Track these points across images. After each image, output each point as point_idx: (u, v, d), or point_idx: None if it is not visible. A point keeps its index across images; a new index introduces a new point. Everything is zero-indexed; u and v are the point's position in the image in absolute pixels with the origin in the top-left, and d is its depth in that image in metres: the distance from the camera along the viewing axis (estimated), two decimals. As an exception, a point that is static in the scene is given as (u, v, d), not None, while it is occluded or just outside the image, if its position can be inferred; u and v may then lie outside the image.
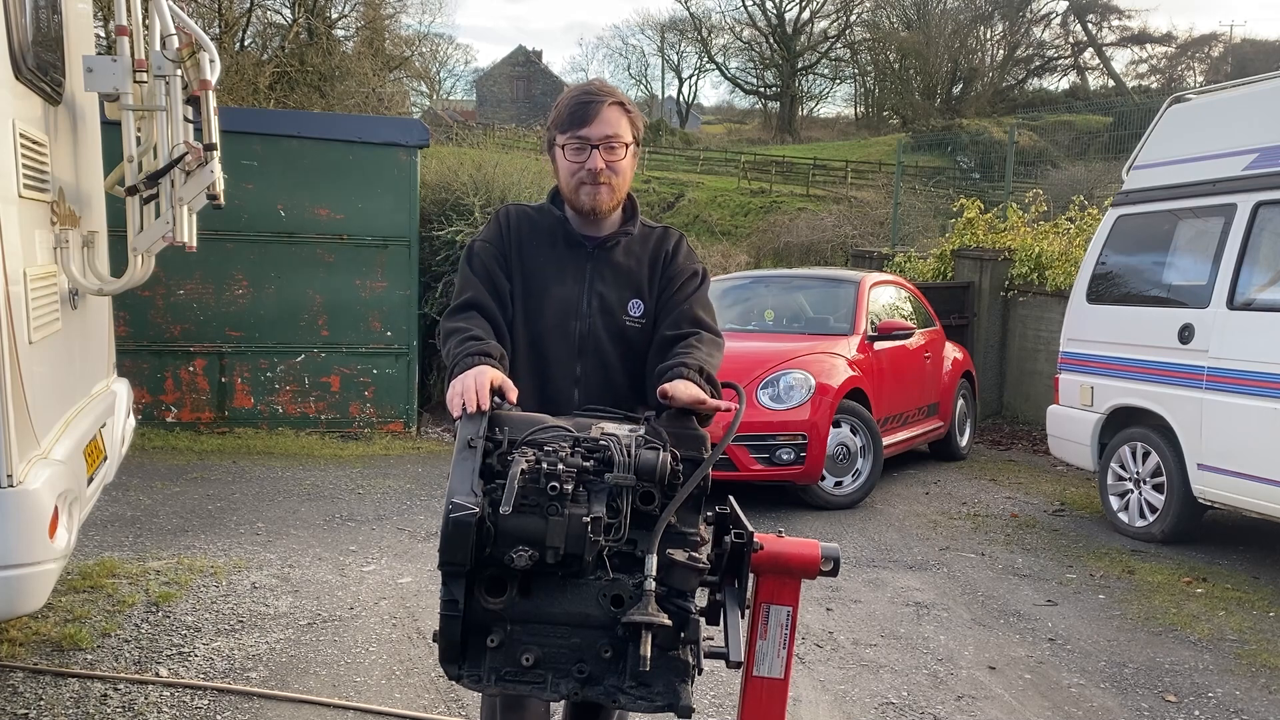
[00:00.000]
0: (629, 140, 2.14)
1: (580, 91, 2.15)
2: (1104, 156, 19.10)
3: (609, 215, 2.19)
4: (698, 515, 1.76)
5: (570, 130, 2.11)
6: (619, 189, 2.15)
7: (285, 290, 8.11)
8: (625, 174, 2.16)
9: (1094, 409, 6.29)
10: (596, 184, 2.11)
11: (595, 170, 2.09)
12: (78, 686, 3.42)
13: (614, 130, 2.11)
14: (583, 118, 2.09)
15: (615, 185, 2.13)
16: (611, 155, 2.11)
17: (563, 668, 1.68)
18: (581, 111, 2.09)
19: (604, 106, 2.10)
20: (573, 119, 2.10)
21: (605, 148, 2.10)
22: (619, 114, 2.12)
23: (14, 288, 2.74)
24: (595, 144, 2.09)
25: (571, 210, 2.19)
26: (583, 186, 2.12)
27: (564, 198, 2.19)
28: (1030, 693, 3.73)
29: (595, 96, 2.11)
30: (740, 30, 51.93)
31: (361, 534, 5.51)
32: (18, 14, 2.83)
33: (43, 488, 2.73)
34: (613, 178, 2.12)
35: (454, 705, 3.41)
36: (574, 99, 2.13)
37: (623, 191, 2.18)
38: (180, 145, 3.61)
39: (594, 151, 2.09)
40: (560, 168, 2.16)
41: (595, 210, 2.14)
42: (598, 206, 2.13)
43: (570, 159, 2.12)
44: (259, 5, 25.63)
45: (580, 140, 2.10)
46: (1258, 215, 5.33)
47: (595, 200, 2.12)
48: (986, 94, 44.54)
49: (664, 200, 32.19)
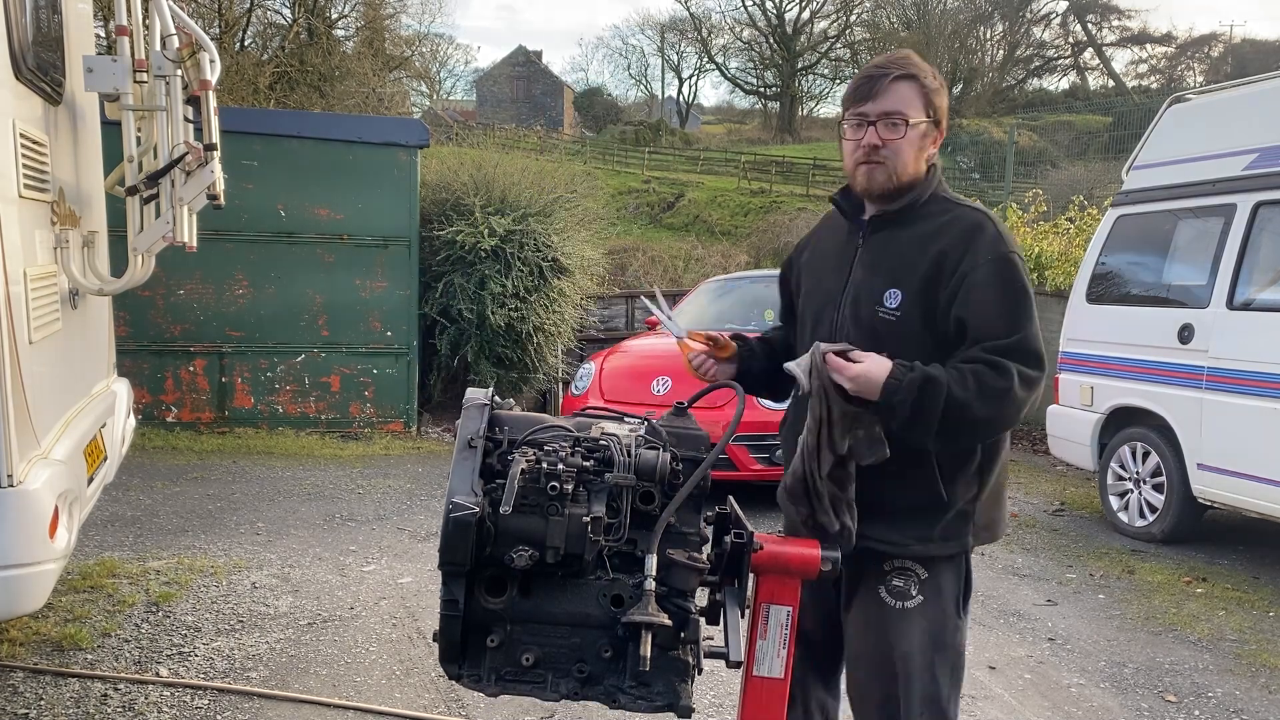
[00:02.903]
0: (919, 118, 1.96)
1: (872, 65, 2.01)
2: (1104, 156, 19.10)
3: (890, 196, 2.01)
4: (698, 515, 1.76)
5: (852, 106, 1.99)
6: (898, 171, 1.97)
7: (285, 290, 8.11)
8: (906, 154, 1.96)
9: (1094, 409, 6.29)
10: (871, 163, 1.96)
11: (870, 146, 1.95)
12: (78, 686, 3.42)
13: (897, 106, 1.94)
14: (865, 92, 1.96)
15: (892, 166, 1.96)
16: (891, 133, 1.95)
17: (563, 668, 1.68)
18: (865, 86, 1.96)
19: (889, 80, 1.95)
20: (856, 93, 1.98)
21: (884, 124, 1.95)
22: (909, 88, 1.96)
23: (14, 288, 2.74)
24: (873, 120, 1.95)
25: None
26: (859, 166, 1.99)
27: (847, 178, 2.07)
28: (1030, 693, 3.73)
29: (882, 69, 1.97)
30: (740, 30, 52.01)
31: (361, 534, 5.51)
32: (18, 14, 2.83)
33: (43, 488, 2.73)
34: (890, 157, 1.95)
35: (454, 705, 3.41)
36: (863, 71, 2.01)
37: (905, 173, 1.98)
38: (180, 145, 3.61)
39: (870, 128, 1.96)
40: (843, 146, 2.06)
41: (867, 191, 2.00)
42: (870, 188, 1.99)
43: (849, 137, 2.01)
44: (259, 5, 25.60)
45: (859, 116, 1.97)
46: (1258, 215, 5.33)
47: (868, 180, 1.98)
48: (986, 94, 44.53)
49: (664, 200, 32.20)
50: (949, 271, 1.92)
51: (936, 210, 2.01)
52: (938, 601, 2.04)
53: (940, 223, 1.98)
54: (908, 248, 1.98)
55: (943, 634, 2.04)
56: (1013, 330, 1.88)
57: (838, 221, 2.16)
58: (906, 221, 2.01)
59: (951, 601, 2.06)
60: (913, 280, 1.94)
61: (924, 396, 1.82)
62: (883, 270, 1.97)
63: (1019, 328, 1.89)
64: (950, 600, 2.06)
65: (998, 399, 1.83)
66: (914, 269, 1.95)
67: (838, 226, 2.16)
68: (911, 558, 2.01)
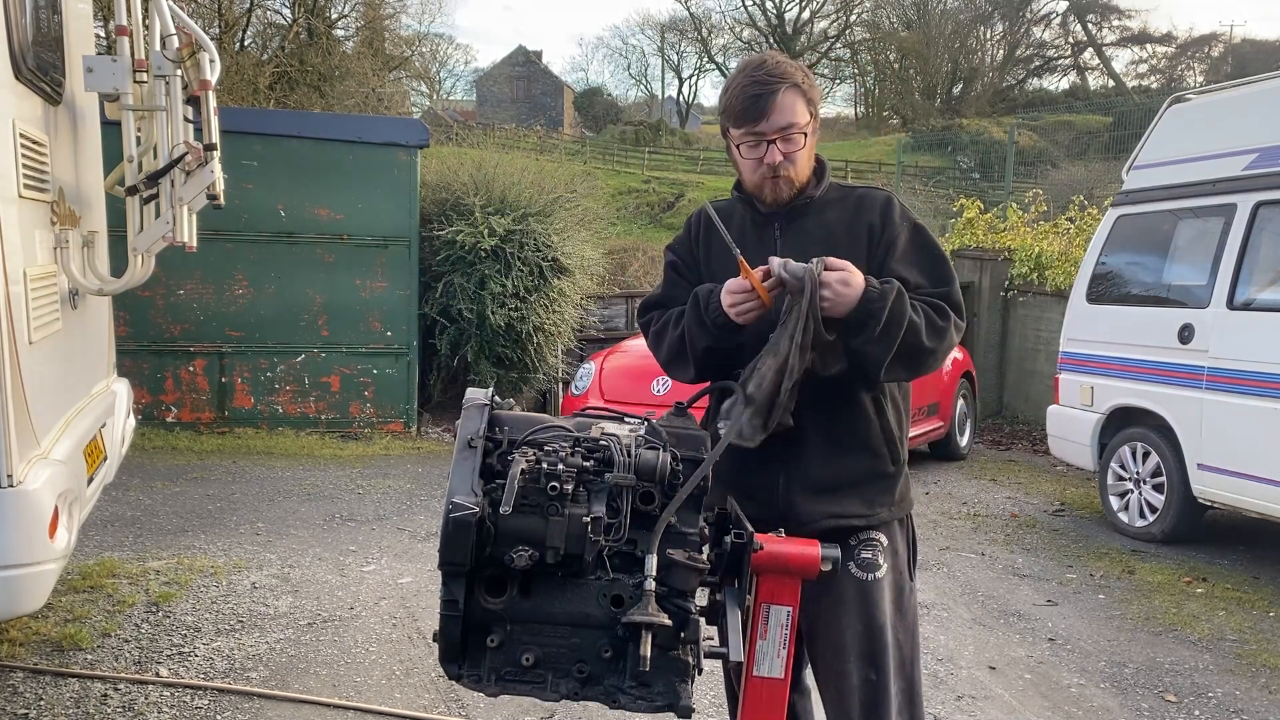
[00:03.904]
0: (806, 123, 2.03)
1: (749, 80, 2.00)
2: (1104, 156, 19.12)
3: (795, 197, 2.09)
4: (698, 515, 1.76)
5: (745, 126, 2.01)
6: (799, 175, 2.06)
7: (285, 290, 8.11)
8: (804, 160, 2.06)
9: (1094, 409, 6.29)
10: (777, 177, 2.03)
11: (774, 164, 2.01)
12: (78, 686, 3.42)
13: (790, 119, 1.99)
14: (756, 112, 1.99)
15: (795, 173, 2.04)
16: (790, 146, 2.01)
17: (563, 668, 1.67)
18: (754, 106, 1.99)
19: (778, 96, 1.98)
20: (746, 114, 2.00)
21: (782, 140, 2.00)
22: (794, 97, 2.00)
23: (14, 288, 2.74)
24: (771, 139, 2.00)
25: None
26: (765, 182, 2.05)
27: (747, 190, 2.13)
28: (1030, 693, 3.73)
29: (766, 86, 1.98)
30: (740, 30, 52.01)
31: (361, 534, 5.51)
32: (18, 14, 2.83)
33: (43, 488, 2.73)
34: (791, 168, 2.03)
35: (454, 705, 3.41)
36: (744, 91, 2.00)
37: (804, 175, 2.07)
38: (180, 145, 3.61)
39: (770, 146, 2.00)
40: (739, 164, 2.10)
41: (777, 203, 2.07)
42: (779, 199, 2.06)
43: (748, 155, 2.04)
44: (259, 5, 25.60)
45: (756, 136, 2.01)
46: (1258, 215, 5.33)
47: (777, 193, 2.05)
48: (986, 94, 44.54)
49: (664, 200, 32.18)
50: (875, 240, 2.07)
51: (839, 194, 2.14)
52: (896, 567, 2.11)
53: (852, 201, 2.12)
54: (834, 227, 2.09)
55: (902, 598, 2.11)
56: (942, 283, 2.07)
57: (736, 216, 2.17)
58: (819, 209, 2.12)
59: (905, 565, 2.15)
60: (845, 252, 1.99)
61: (896, 309, 1.91)
62: (814, 249, 1.99)
63: (946, 281, 2.08)
64: (904, 564, 2.14)
65: (939, 334, 1.99)
66: (844, 242, 2.05)
67: (737, 221, 2.16)
68: (874, 527, 2.08)
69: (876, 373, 1.97)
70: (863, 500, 2.06)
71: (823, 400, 2.01)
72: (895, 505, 2.10)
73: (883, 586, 2.07)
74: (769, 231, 2.12)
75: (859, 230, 2.08)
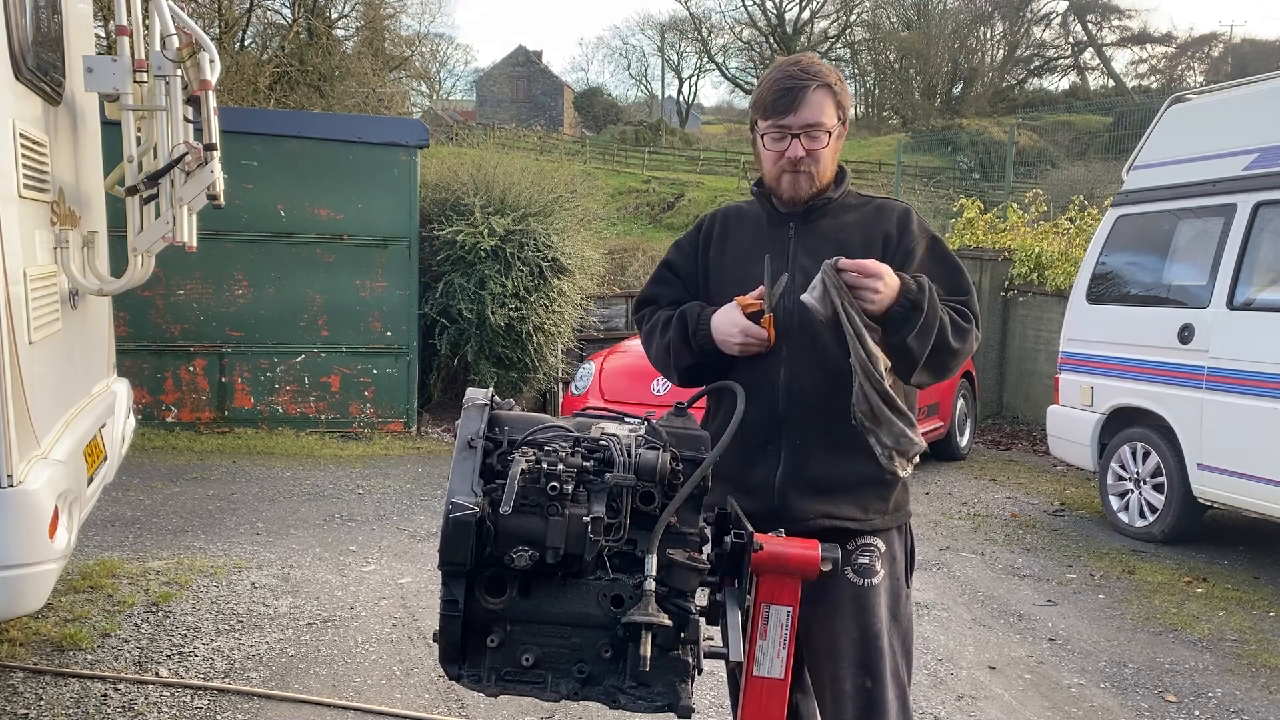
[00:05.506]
0: (833, 124, 2.05)
1: (783, 74, 2.04)
2: (1104, 156, 19.13)
3: (813, 198, 2.10)
4: (698, 515, 1.76)
5: (771, 118, 2.03)
6: (821, 176, 2.07)
7: (285, 290, 8.11)
8: (827, 161, 2.07)
9: (1094, 409, 6.29)
10: (797, 172, 2.05)
11: (795, 159, 2.03)
12: (78, 686, 3.42)
13: (817, 118, 2.02)
14: (785, 105, 2.01)
15: (816, 173, 2.06)
16: (813, 143, 2.03)
17: (563, 668, 1.67)
18: (784, 99, 2.01)
19: (808, 92, 2.00)
20: (774, 106, 2.02)
21: (807, 136, 2.02)
22: (824, 97, 2.02)
23: (14, 288, 2.74)
24: (796, 133, 2.02)
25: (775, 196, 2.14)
26: (784, 175, 2.06)
27: (766, 185, 2.15)
28: (1030, 693, 3.73)
29: (798, 81, 2.01)
30: (740, 30, 51.98)
31: (361, 534, 5.51)
32: (18, 14, 2.83)
33: (43, 488, 2.73)
34: (813, 166, 2.04)
35: (454, 705, 3.41)
36: (776, 82, 2.03)
37: (826, 176, 2.09)
38: (180, 145, 3.61)
39: (794, 140, 2.02)
40: (761, 156, 2.11)
41: (795, 199, 2.08)
42: (798, 195, 2.07)
43: (770, 148, 2.06)
44: (259, 5, 25.58)
45: (781, 129, 2.03)
46: (1258, 215, 5.33)
47: (795, 189, 2.07)
48: (986, 94, 44.51)
49: (664, 200, 32.18)
50: (890, 249, 2.08)
51: (857, 202, 2.16)
52: (893, 574, 2.11)
53: (869, 210, 2.14)
54: (849, 231, 2.10)
55: (897, 605, 2.11)
56: (960, 292, 2.10)
57: (752, 217, 2.20)
58: (835, 212, 2.13)
59: (903, 572, 2.14)
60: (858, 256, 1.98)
61: (933, 304, 1.96)
62: (829, 252, 1.98)
63: (966, 290, 2.12)
64: (902, 570, 2.14)
65: (962, 337, 2.03)
66: (858, 247, 2.05)
67: (753, 221, 2.19)
68: (872, 532, 2.08)
69: (909, 373, 1.98)
70: (857, 504, 2.05)
71: (827, 401, 2.01)
72: (890, 513, 2.10)
73: (879, 592, 2.07)
74: (784, 230, 2.13)
75: (874, 237, 2.09)
